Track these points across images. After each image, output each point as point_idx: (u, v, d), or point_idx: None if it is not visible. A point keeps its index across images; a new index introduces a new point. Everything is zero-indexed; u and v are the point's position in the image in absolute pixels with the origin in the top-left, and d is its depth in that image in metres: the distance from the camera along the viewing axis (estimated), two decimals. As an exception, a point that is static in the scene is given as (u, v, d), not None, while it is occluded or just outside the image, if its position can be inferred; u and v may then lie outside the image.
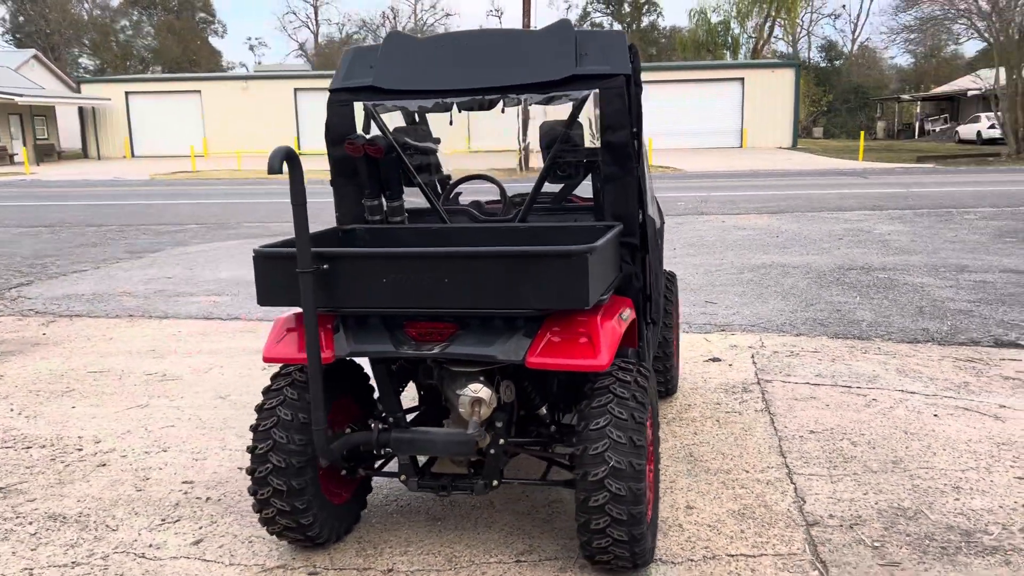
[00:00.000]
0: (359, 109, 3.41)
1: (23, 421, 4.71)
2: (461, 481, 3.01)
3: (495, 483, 2.96)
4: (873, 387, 4.91)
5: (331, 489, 3.16)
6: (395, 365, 3.13)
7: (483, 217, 3.65)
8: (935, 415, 4.41)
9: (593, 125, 3.48)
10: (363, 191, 3.50)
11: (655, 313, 3.57)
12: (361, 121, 3.47)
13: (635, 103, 3.19)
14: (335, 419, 3.09)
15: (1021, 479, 3.64)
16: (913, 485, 3.59)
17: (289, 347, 2.94)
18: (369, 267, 2.71)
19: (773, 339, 6.06)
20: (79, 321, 7.20)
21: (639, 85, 3.23)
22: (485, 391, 2.82)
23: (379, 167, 3.42)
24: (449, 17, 71.18)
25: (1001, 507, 3.38)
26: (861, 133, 34.25)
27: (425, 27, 72.09)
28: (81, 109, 42.64)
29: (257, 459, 2.95)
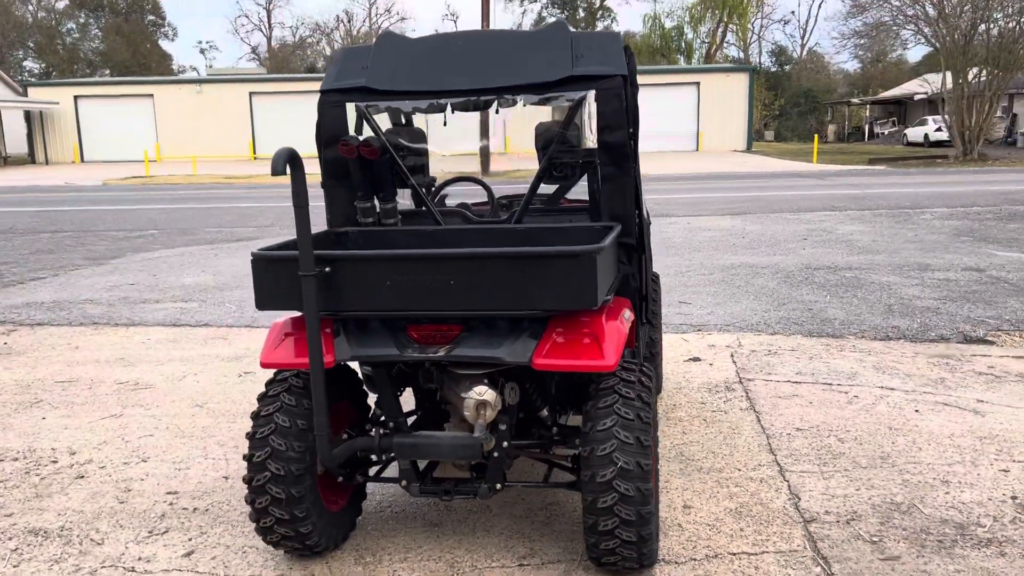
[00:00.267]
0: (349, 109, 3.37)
1: (-8, 433, 4.55)
2: (464, 485, 2.97)
3: (498, 486, 2.93)
4: (853, 384, 4.98)
5: (328, 496, 3.10)
6: (394, 369, 3.08)
7: (477, 219, 3.62)
8: (916, 411, 4.49)
9: (587, 125, 3.48)
10: (355, 193, 3.44)
11: (650, 313, 3.57)
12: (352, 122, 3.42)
13: (632, 103, 3.19)
14: (332, 425, 3.03)
15: (1006, 472, 3.71)
16: (903, 480, 3.64)
17: (288, 352, 2.88)
18: (373, 269, 2.66)
19: (750, 338, 6.12)
20: (41, 330, 6.99)
21: (635, 86, 3.23)
22: (490, 393, 2.78)
23: (372, 169, 3.37)
24: (404, 21, 70.82)
25: (990, 499, 3.44)
26: (815, 136, 34.88)
27: (380, 31, 71.57)
28: (28, 113, 41.54)
29: (255, 467, 2.88)
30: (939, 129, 36.58)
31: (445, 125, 3.49)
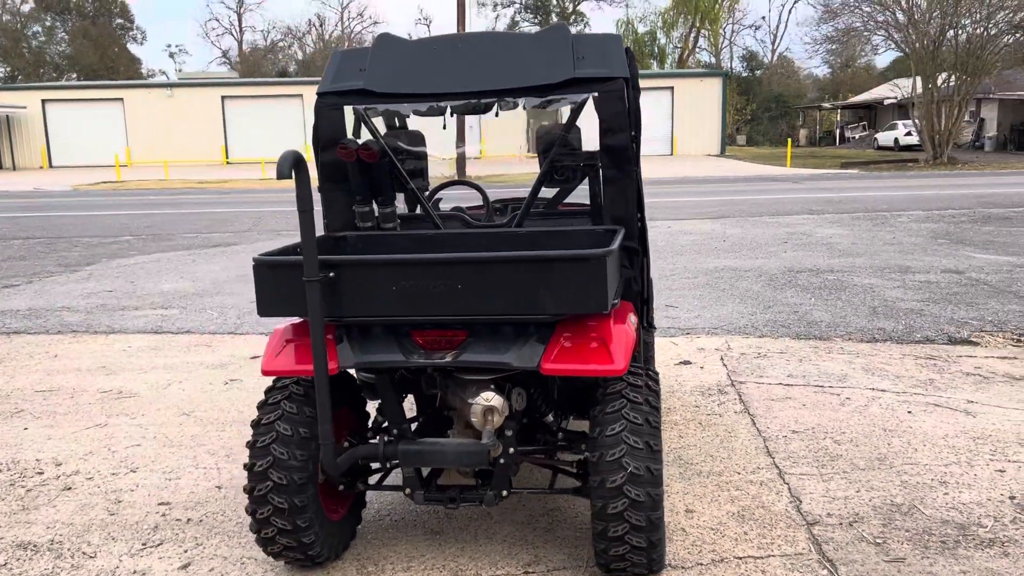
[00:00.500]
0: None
1: (-27, 445, 4.43)
2: (469, 492, 2.92)
3: (505, 493, 2.89)
4: (844, 386, 5.00)
5: (329, 505, 3.04)
6: (396, 374, 3.03)
7: (477, 223, 3.58)
8: (909, 412, 4.51)
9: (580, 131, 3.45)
10: (353, 197, 3.39)
11: (651, 316, 3.56)
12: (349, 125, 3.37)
13: (634, 106, 3.17)
14: (334, 432, 2.97)
15: (1002, 472, 3.74)
16: (902, 481, 3.65)
17: (289, 359, 2.82)
18: (380, 274, 2.62)
19: (738, 341, 6.13)
20: (18, 338, 6.84)
21: (637, 88, 3.21)
22: (498, 399, 2.75)
23: (371, 172, 3.32)
24: (377, 25, 70.65)
25: (989, 500, 3.46)
26: (788, 140, 35.24)
27: (352, 35, 71.34)
28: (-6, 117, 40.87)
29: (256, 476, 2.81)
30: (909, 133, 37.10)
31: (444, 128, 3.45)
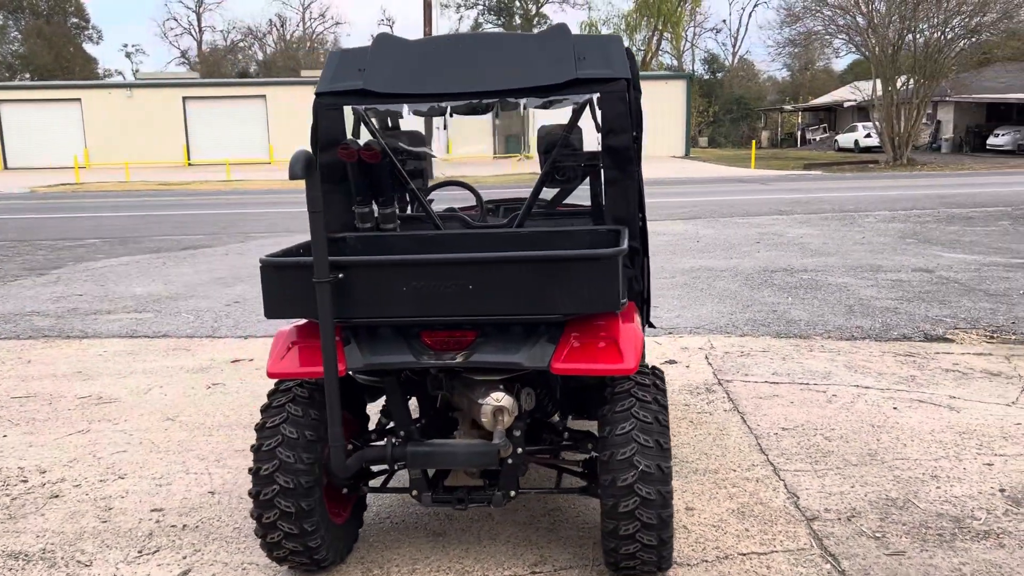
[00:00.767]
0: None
1: (-48, 453, 4.31)
2: (478, 493, 2.91)
3: (513, 493, 2.88)
4: (829, 383, 5.07)
5: (333, 508, 3.01)
6: (402, 376, 3.01)
7: (477, 223, 3.57)
8: (895, 408, 4.59)
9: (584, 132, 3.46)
10: (352, 198, 3.36)
11: (651, 316, 3.58)
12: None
13: (635, 106, 3.18)
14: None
15: (990, 465, 3.82)
16: (894, 476, 3.72)
17: (295, 362, 2.79)
18: (390, 275, 2.60)
19: (721, 340, 6.19)
20: (-12, 343, 6.67)
21: (638, 89, 3.23)
22: (507, 399, 2.74)
23: (371, 173, 3.29)
24: (339, 26, 70.17)
25: (980, 493, 3.54)
26: (753, 142, 35.72)
27: (314, 36, 70.78)
28: (-54, 118, 39.84)
29: (262, 480, 2.78)
30: (869, 135, 37.75)
31: (445, 128, 3.43)
